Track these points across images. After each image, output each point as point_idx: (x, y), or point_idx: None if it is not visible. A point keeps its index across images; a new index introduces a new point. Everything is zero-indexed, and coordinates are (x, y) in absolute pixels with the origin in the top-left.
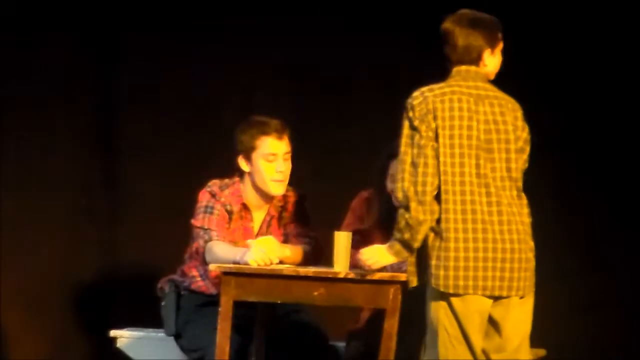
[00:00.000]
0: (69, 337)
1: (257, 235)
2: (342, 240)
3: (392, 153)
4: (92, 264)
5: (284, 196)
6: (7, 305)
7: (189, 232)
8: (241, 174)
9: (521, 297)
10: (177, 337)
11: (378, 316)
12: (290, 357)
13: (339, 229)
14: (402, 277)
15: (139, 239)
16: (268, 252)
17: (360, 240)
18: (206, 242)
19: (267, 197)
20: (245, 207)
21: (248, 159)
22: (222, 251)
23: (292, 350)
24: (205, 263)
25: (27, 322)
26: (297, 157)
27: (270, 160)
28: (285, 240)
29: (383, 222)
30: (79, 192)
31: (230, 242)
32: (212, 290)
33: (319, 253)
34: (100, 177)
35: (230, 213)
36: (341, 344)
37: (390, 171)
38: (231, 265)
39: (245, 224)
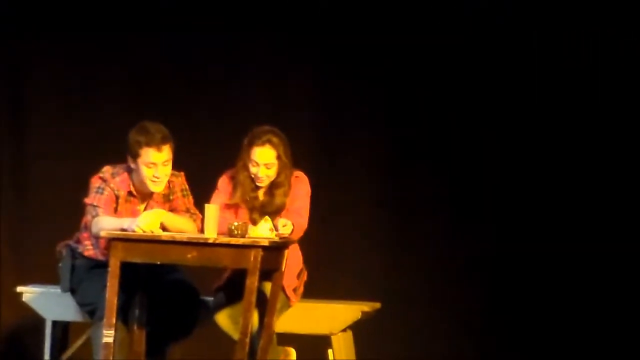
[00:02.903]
0: None
1: None
2: (211, 211)
3: (253, 140)
4: (2, 229)
5: (169, 182)
6: None
7: (83, 208)
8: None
9: None
10: (72, 292)
11: (236, 275)
12: (167, 310)
13: (208, 203)
14: (262, 242)
15: (45, 210)
16: (152, 221)
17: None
18: (94, 217)
19: (150, 189)
20: (131, 194)
21: (133, 160)
22: (108, 223)
23: (169, 304)
24: (92, 234)
25: None
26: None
27: (150, 167)
28: None
29: (247, 199)
30: None
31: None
32: (101, 258)
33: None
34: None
35: (117, 197)
36: (209, 298)
37: (251, 157)
38: (119, 232)
39: (132, 207)
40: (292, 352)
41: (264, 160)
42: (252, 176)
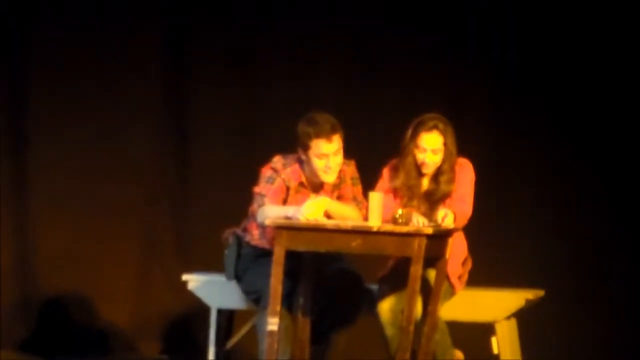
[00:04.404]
0: (147, 282)
1: None
2: (375, 199)
3: (419, 126)
4: (167, 217)
5: (340, 171)
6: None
7: (251, 197)
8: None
9: None
10: (238, 280)
11: (401, 264)
12: (331, 298)
13: (373, 191)
14: (426, 230)
15: (209, 198)
16: (316, 210)
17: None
18: (259, 206)
19: (321, 180)
20: (302, 185)
21: (304, 152)
22: (273, 211)
23: (333, 292)
24: (258, 223)
25: (111, 271)
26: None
27: (322, 158)
28: None
29: (409, 185)
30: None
31: None
32: (267, 247)
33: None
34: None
35: (288, 188)
36: (374, 287)
37: (418, 143)
38: (283, 221)
39: (303, 198)
40: (461, 356)
41: (431, 145)
42: (418, 163)
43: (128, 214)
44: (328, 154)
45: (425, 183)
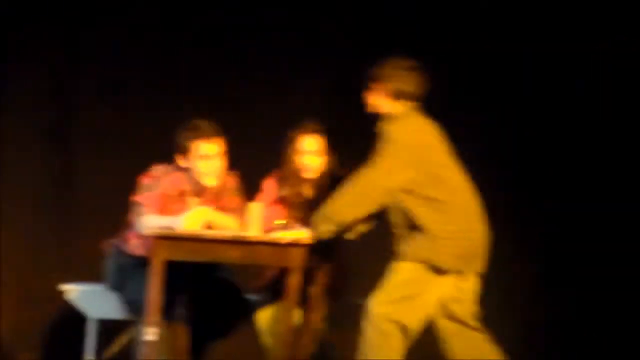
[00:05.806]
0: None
1: None
2: (254, 210)
3: (298, 131)
4: (49, 226)
5: (223, 182)
6: None
7: (130, 206)
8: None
9: None
10: (117, 290)
11: (281, 274)
12: (209, 308)
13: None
14: (305, 240)
15: (90, 207)
16: (195, 220)
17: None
18: (139, 215)
19: (203, 186)
20: (182, 194)
21: (184, 157)
22: (153, 220)
23: (212, 303)
24: (137, 232)
25: None
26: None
27: (203, 159)
28: None
29: (293, 194)
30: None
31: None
32: (147, 256)
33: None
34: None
35: (168, 197)
36: (253, 297)
37: (298, 146)
38: (162, 230)
39: (183, 206)
40: None
41: (313, 147)
42: (300, 168)
43: (11, 223)
44: (209, 155)
45: (305, 191)
